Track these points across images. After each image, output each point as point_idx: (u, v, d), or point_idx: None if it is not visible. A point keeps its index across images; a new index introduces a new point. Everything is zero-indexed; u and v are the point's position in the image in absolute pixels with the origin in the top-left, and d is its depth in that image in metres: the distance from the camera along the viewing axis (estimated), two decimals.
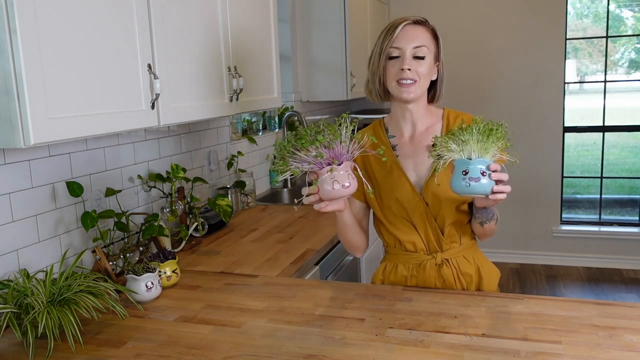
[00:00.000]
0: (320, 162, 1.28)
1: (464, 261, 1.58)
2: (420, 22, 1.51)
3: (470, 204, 1.55)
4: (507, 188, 1.28)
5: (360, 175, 1.35)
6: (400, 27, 1.49)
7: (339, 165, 1.28)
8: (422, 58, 1.47)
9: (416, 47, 1.47)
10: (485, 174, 1.24)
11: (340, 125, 1.31)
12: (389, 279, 1.65)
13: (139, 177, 2.09)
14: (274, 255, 2.00)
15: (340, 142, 1.30)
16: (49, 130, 1.25)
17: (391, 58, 1.50)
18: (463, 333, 1.30)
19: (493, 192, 1.26)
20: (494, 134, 1.25)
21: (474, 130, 1.26)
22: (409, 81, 1.47)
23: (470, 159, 1.25)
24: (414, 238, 1.57)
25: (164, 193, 2.18)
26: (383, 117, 1.65)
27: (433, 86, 1.57)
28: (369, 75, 1.56)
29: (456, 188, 1.28)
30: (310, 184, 1.31)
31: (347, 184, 1.28)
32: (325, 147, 1.28)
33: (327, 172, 1.27)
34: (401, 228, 1.58)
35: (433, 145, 1.35)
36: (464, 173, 1.25)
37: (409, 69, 1.46)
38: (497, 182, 1.26)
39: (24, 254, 1.60)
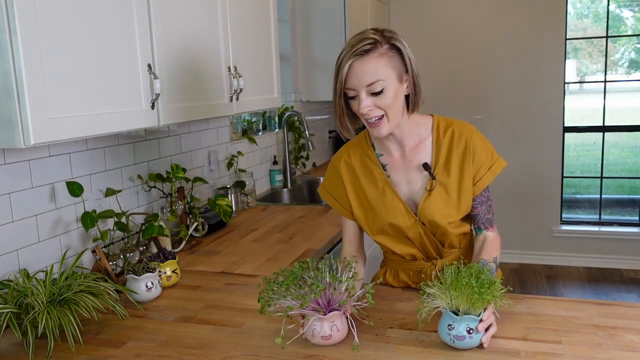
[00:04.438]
0: (309, 304, 1.22)
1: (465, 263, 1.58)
2: (367, 51, 1.31)
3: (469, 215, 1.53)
4: (494, 330, 1.23)
5: (350, 325, 1.27)
6: (347, 67, 1.31)
7: (325, 315, 1.22)
8: (380, 92, 1.32)
9: (369, 85, 1.31)
10: (472, 331, 1.18)
11: (333, 270, 1.27)
12: (390, 284, 1.64)
13: (139, 177, 2.09)
14: (274, 255, 2.00)
15: (334, 289, 1.25)
16: (49, 130, 1.25)
17: (350, 98, 1.37)
18: None
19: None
20: (486, 292, 1.18)
21: (466, 283, 1.19)
22: (374, 119, 1.36)
23: (458, 313, 1.19)
24: (412, 251, 1.55)
25: (164, 193, 2.18)
26: (367, 131, 1.52)
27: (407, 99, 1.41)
28: (336, 112, 1.41)
29: (441, 336, 1.23)
30: (303, 316, 1.24)
31: (327, 335, 1.23)
32: (315, 291, 1.22)
33: (312, 317, 1.22)
34: (397, 245, 1.54)
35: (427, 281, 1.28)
36: (449, 327, 1.20)
37: (370, 110, 1.34)
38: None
39: (24, 254, 1.60)
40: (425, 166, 1.46)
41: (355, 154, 1.53)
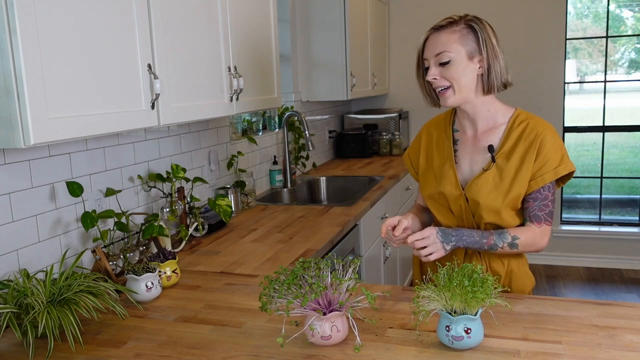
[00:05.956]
0: (309, 303, 1.21)
1: (496, 260, 1.60)
2: (442, 27, 1.50)
3: (514, 213, 1.54)
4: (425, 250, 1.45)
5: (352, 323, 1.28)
6: (423, 39, 1.53)
7: (324, 315, 1.22)
8: (446, 63, 1.48)
9: (437, 55, 1.48)
10: (469, 331, 1.18)
11: (334, 268, 1.27)
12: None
13: (139, 177, 2.09)
14: (274, 255, 2.00)
15: (335, 289, 1.24)
16: (49, 130, 1.25)
17: (426, 69, 1.54)
18: None
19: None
20: (479, 291, 1.17)
21: (458, 283, 1.18)
22: (441, 88, 1.50)
23: (453, 314, 1.19)
24: (451, 225, 1.63)
25: (164, 193, 2.18)
26: (453, 109, 1.68)
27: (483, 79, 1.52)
28: (419, 82, 1.61)
29: (440, 338, 1.23)
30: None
31: (327, 336, 1.23)
32: (315, 290, 1.21)
33: (311, 318, 1.22)
34: (442, 212, 1.63)
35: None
36: (447, 329, 1.20)
37: (435, 78, 1.49)
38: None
39: (24, 254, 1.60)
40: (490, 148, 1.54)
41: (437, 126, 1.69)
